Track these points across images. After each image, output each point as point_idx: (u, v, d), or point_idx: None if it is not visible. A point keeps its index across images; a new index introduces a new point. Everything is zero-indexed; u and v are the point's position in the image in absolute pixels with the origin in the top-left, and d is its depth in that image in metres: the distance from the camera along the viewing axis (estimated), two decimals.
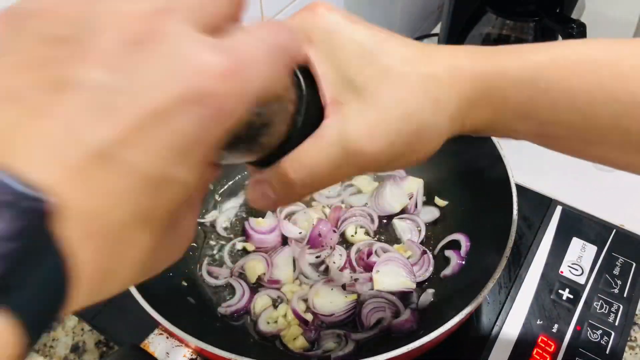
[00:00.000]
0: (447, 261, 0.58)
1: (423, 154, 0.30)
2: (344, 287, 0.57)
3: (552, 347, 0.54)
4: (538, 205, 0.67)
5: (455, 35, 0.81)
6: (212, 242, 0.63)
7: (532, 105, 0.29)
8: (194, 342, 0.41)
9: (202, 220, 0.64)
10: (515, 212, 0.49)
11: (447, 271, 0.57)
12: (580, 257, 0.62)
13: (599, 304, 0.57)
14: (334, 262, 0.59)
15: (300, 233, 0.62)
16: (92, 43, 0.16)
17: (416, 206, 0.65)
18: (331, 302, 0.55)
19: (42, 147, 0.15)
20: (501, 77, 0.29)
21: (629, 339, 0.55)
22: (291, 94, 0.27)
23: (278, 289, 0.58)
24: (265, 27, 0.21)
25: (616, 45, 0.29)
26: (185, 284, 0.57)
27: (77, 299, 0.16)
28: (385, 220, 0.65)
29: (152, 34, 0.17)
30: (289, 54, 0.21)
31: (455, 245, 0.59)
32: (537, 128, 0.31)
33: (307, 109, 0.27)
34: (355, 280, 0.58)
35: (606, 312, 0.57)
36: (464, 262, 0.57)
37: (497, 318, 0.56)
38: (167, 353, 0.43)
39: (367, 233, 0.63)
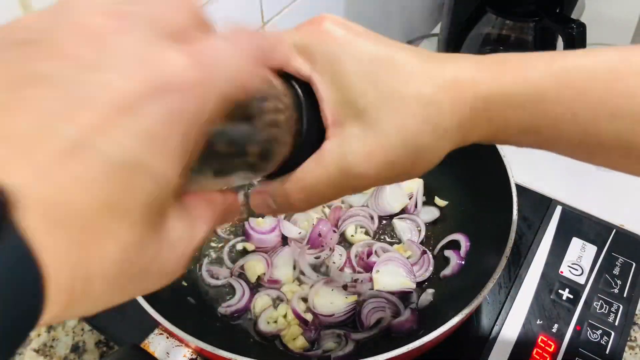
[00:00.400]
0: (446, 261, 0.58)
1: (421, 172, 0.31)
2: (344, 287, 0.57)
3: (552, 347, 0.54)
4: (538, 205, 0.67)
5: (455, 35, 0.81)
6: (212, 242, 0.63)
7: (534, 123, 0.29)
8: (194, 342, 0.41)
9: None
10: (515, 212, 0.49)
11: (447, 271, 0.57)
12: (580, 257, 0.62)
13: (599, 304, 0.57)
14: (334, 263, 0.60)
15: (300, 233, 0.62)
16: (55, 40, 0.17)
17: (416, 206, 0.65)
18: (331, 302, 0.55)
19: (7, 142, 0.15)
20: (501, 101, 0.29)
21: (629, 339, 0.55)
22: (294, 113, 0.28)
23: (278, 289, 0.58)
24: (236, 30, 0.21)
25: (618, 59, 0.28)
26: (185, 284, 0.57)
27: (55, 292, 0.15)
28: (385, 220, 0.65)
29: (116, 30, 0.17)
30: (260, 52, 0.22)
31: (455, 245, 0.59)
32: (539, 143, 0.31)
33: (309, 129, 0.28)
34: (356, 280, 0.58)
35: (606, 312, 0.57)
36: (463, 262, 0.57)
37: (497, 318, 0.56)
38: (167, 353, 0.43)
39: (367, 233, 0.63)
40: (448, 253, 0.59)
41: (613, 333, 0.55)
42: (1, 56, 0.16)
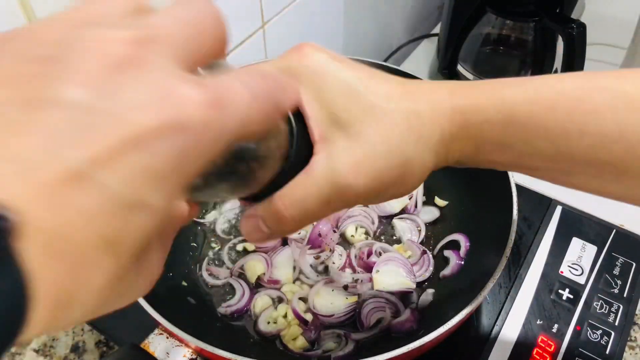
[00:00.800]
0: (446, 261, 0.58)
1: (410, 186, 0.32)
2: (345, 287, 0.57)
3: (552, 347, 0.54)
4: (538, 205, 0.67)
5: (455, 35, 0.81)
6: (212, 243, 0.63)
7: (508, 138, 0.30)
8: (194, 342, 0.41)
9: (202, 221, 0.64)
10: (515, 212, 0.49)
11: (446, 271, 0.57)
12: (580, 257, 0.62)
13: (599, 304, 0.57)
14: (334, 263, 0.60)
15: (299, 233, 0.62)
16: (73, 63, 0.16)
17: (416, 206, 0.65)
18: (332, 303, 0.55)
19: (13, 163, 0.15)
20: (477, 113, 0.30)
21: (629, 339, 0.55)
22: (281, 132, 0.28)
23: (278, 289, 0.58)
24: (250, 71, 0.21)
25: (587, 80, 0.29)
26: (185, 284, 0.57)
27: (36, 322, 0.15)
28: (385, 220, 0.65)
29: (135, 60, 0.17)
30: (274, 99, 0.21)
31: (455, 245, 0.59)
32: (516, 159, 0.32)
33: (298, 147, 0.29)
34: (356, 280, 0.58)
35: (606, 312, 0.57)
36: (463, 263, 0.57)
37: (497, 318, 0.56)
38: (167, 353, 0.43)
39: (367, 233, 0.63)
40: (447, 253, 0.59)
41: (613, 333, 0.55)
42: (18, 70, 0.16)
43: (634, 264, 0.61)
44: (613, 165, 0.29)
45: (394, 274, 0.57)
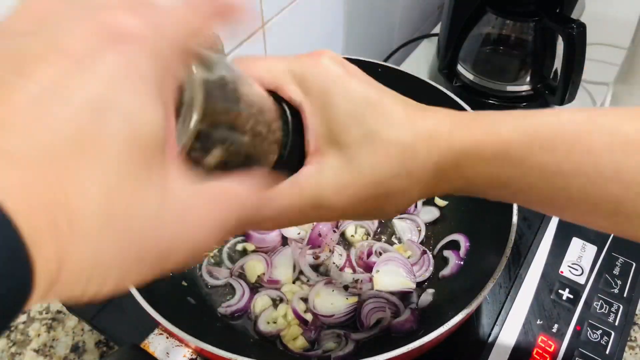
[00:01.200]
0: (446, 262, 0.58)
1: (392, 214, 0.33)
2: (346, 288, 0.57)
3: (552, 347, 0.54)
4: None
5: (455, 35, 0.81)
6: None
7: (503, 177, 0.30)
8: (194, 342, 0.41)
9: None
10: (515, 212, 0.49)
11: (446, 272, 0.57)
12: (580, 257, 0.62)
13: (599, 304, 0.57)
14: (334, 263, 0.60)
15: (299, 234, 0.62)
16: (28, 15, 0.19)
17: (416, 206, 0.65)
18: (332, 303, 0.55)
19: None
20: (474, 152, 0.30)
21: (629, 339, 0.55)
22: (278, 132, 0.29)
23: (278, 289, 0.58)
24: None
25: (586, 119, 0.29)
26: (185, 284, 0.57)
27: (41, 247, 0.15)
28: (385, 221, 0.65)
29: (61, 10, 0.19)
30: (208, 7, 0.23)
31: (454, 245, 0.59)
32: (509, 196, 0.32)
33: (291, 150, 0.30)
34: (357, 281, 0.58)
35: (606, 312, 0.57)
36: (462, 263, 0.57)
37: (497, 318, 0.56)
38: (167, 353, 0.43)
39: (367, 233, 0.63)
40: (447, 253, 0.59)
41: (613, 333, 0.55)
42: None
43: (634, 264, 0.61)
44: (607, 203, 0.29)
45: (394, 274, 0.57)
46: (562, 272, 0.60)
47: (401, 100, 0.32)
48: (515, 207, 0.50)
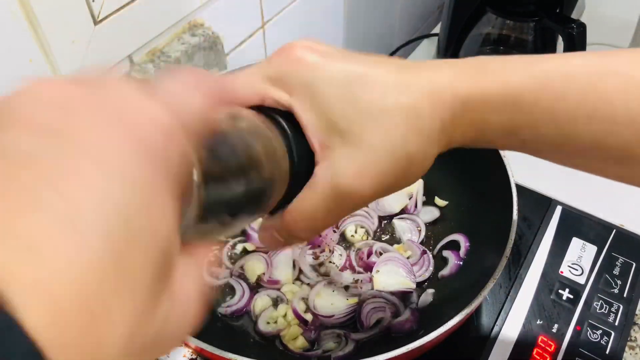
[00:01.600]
0: (445, 262, 0.58)
1: (414, 178, 0.31)
2: (346, 288, 0.57)
3: (552, 347, 0.54)
4: (538, 205, 0.67)
5: (455, 35, 0.81)
6: None
7: (513, 125, 0.29)
8: (194, 342, 0.41)
9: None
10: (515, 212, 0.49)
11: (445, 272, 0.57)
12: (580, 257, 0.62)
13: (599, 304, 0.57)
14: (334, 263, 0.59)
15: None
16: (22, 111, 0.16)
17: (416, 206, 0.64)
18: (332, 304, 0.55)
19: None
20: (481, 100, 0.29)
21: (629, 339, 0.55)
22: (282, 147, 0.28)
23: (278, 289, 0.58)
24: (182, 75, 0.21)
25: (597, 63, 0.29)
26: None
27: None
28: (385, 220, 0.65)
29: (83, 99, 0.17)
30: (214, 89, 0.22)
31: (454, 245, 0.59)
32: (519, 144, 0.31)
33: (300, 159, 0.29)
34: (357, 281, 0.58)
35: (606, 312, 0.56)
36: (461, 263, 0.57)
37: (497, 318, 0.56)
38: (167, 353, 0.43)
39: (367, 233, 0.63)
40: (446, 254, 0.59)
41: (613, 333, 0.55)
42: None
43: (634, 264, 0.61)
44: (619, 150, 0.28)
45: (394, 274, 0.57)
46: (562, 272, 0.60)
47: (388, 64, 0.30)
48: (515, 207, 0.50)
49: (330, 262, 0.59)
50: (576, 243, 0.63)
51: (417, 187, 0.65)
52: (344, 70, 0.29)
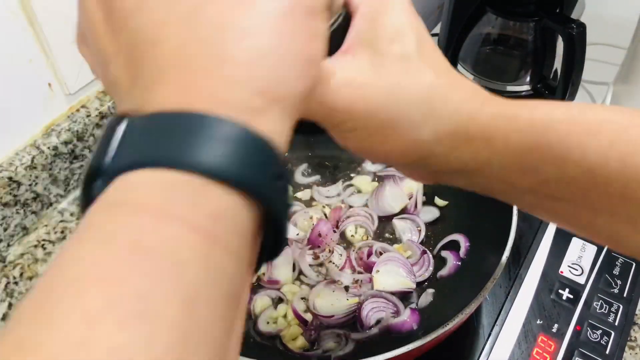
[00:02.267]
0: (445, 262, 0.58)
1: (390, 149, 0.29)
2: (346, 289, 0.57)
3: (552, 347, 0.54)
4: None
5: (455, 35, 0.81)
6: None
7: (537, 156, 0.27)
8: None
9: None
10: (515, 212, 0.49)
11: (444, 272, 0.57)
12: (580, 257, 0.62)
13: (599, 304, 0.57)
14: (334, 263, 0.59)
15: (298, 234, 0.62)
16: None
17: (416, 206, 0.65)
18: (332, 304, 0.55)
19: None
20: (508, 120, 0.28)
21: (629, 339, 0.55)
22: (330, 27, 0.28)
23: (278, 289, 0.58)
24: None
25: (630, 111, 0.27)
26: None
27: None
28: (385, 220, 0.65)
29: None
30: None
31: (454, 245, 0.59)
32: (536, 184, 0.28)
33: (332, 37, 0.28)
34: (357, 281, 0.58)
35: (606, 312, 0.57)
36: (460, 263, 0.57)
37: (497, 318, 0.56)
38: None
39: (367, 233, 0.63)
40: (445, 254, 0.59)
41: (613, 333, 0.55)
42: None
43: (634, 264, 0.61)
44: None
45: (394, 274, 0.57)
46: (562, 272, 0.60)
47: (444, 59, 0.30)
48: (515, 207, 0.50)
49: (330, 262, 0.59)
50: (576, 243, 0.63)
51: (417, 187, 0.65)
52: (416, 19, 0.29)
